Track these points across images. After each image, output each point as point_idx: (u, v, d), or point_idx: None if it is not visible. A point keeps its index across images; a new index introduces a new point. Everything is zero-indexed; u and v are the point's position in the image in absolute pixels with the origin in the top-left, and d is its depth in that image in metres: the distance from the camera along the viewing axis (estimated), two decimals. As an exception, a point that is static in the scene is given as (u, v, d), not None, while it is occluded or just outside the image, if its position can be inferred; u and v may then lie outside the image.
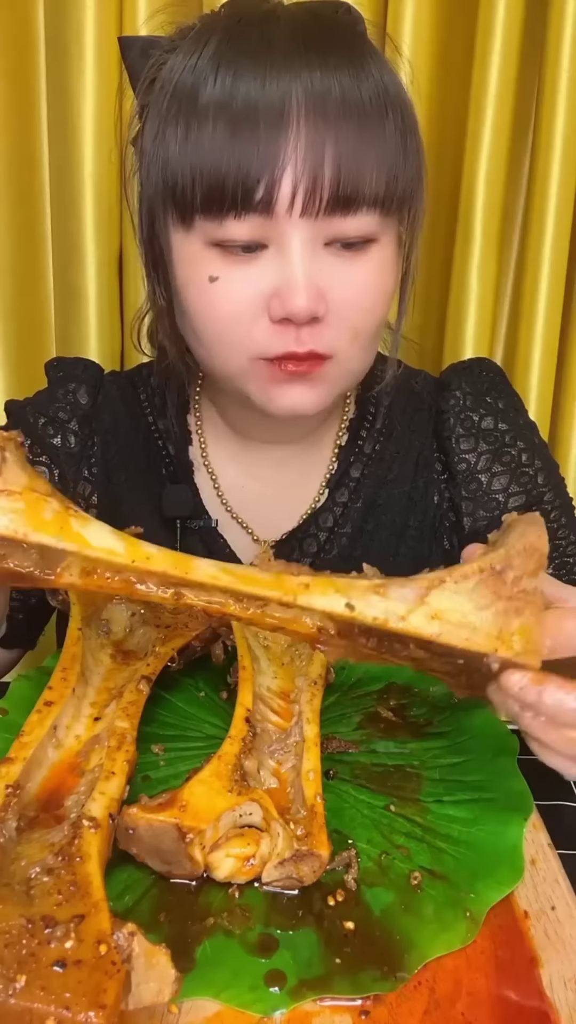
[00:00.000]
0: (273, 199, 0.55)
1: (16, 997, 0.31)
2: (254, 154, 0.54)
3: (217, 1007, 0.36)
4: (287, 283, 0.56)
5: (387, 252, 0.60)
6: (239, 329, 0.59)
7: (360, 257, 0.58)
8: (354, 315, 0.59)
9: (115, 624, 0.60)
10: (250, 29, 0.58)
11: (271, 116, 0.54)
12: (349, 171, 0.55)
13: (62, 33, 0.95)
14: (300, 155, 0.54)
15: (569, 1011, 0.36)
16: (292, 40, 0.56)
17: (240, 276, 0.58)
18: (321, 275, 0.57)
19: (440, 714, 0.58)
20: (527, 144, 0.98)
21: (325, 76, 0.55)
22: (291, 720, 0.51)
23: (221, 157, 0.54)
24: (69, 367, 0.79)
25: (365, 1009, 0.37)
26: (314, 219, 0.56)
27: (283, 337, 0.58)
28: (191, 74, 0.57)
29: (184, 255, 0.60)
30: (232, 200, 0.55)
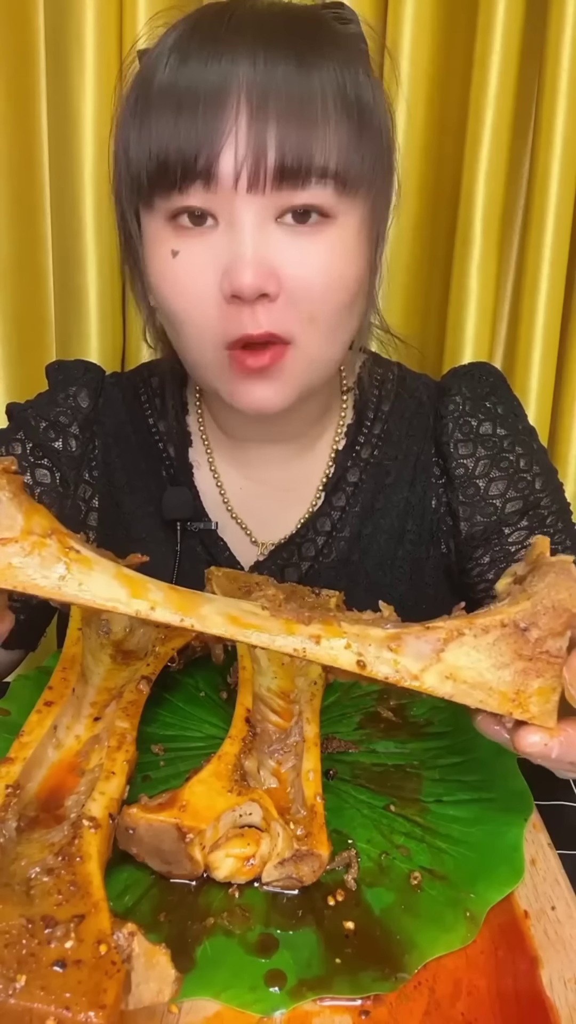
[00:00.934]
0: (213, 171, 0.55)
1: (16, 997, 0.31)
2: (194, 131, 0.55)
3: (217, 1007, 0.36)
4: (235, 259, 0.56)
5: (346, 234, 0.60)
6: (200, 312, 0.59)
7: (315, 234, 0.58)
8: (309, 296, 0.59)
9: (115, 624, 0.60)
10: (214, 19, 0.59)
11: (212, 96, 0.55)
12: (294, 144, 0.56)
13: (62, 33, 0.95)
14: (242, 132, 0.55)
15: (569, 1011, 0.36)
16: (241, 28, 0.57)
17: (196, 250, 0.58)
18: (272, 251, 0.57)
19: (440, 714, 0.58)
20: (527, 144, 0.98)
21: (269, 61, 0.56)
22: (291, 720, 0.51)
23: (165, 136, 0.56)
24: (70, 370, 0.79)
25: (365, 1009, 0.37)
26: (262, 194, 0.56)
27: (238, 318, 0.58)
28: (150, 63, 0.59)
29: (149, 235, 0.61)
30: (174, 173, 0.56)
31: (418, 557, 0.75)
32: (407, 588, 0.75)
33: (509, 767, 0.51)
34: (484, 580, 0.75)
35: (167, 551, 0.74)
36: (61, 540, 0.41)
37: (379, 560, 0.74)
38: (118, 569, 0.41)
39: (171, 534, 0.74)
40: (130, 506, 0.76)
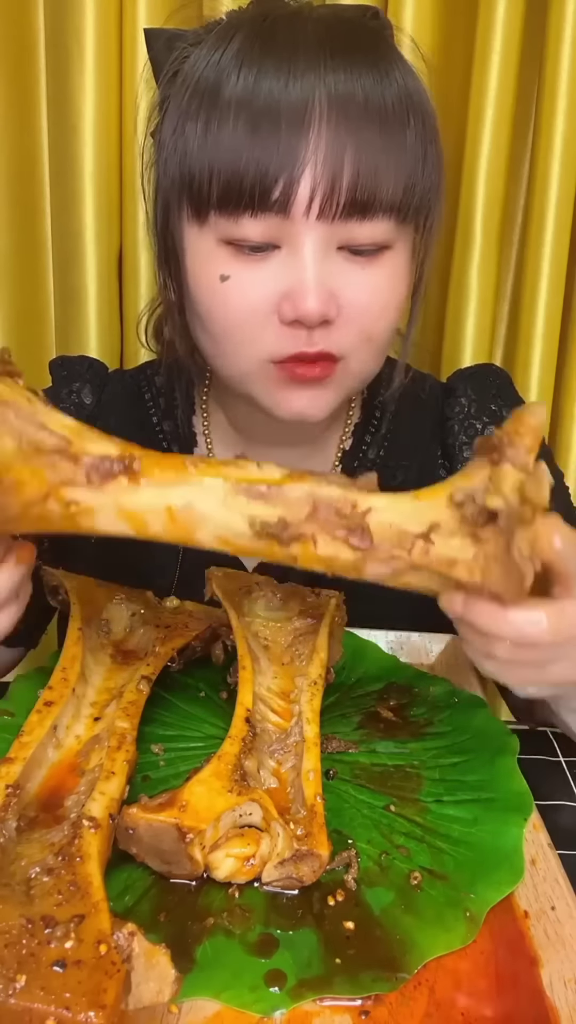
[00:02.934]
0: (290, 200, 0.54)
1: (16, 997, 0.31)
2: (274, 153, 0.54)
3: (217, 1007, 0.36)
4: (299, 285, 0.56)
5: (400, 259, 0.60)
6: (249, 330, 0.58)
7: (373, 263, 0.58)
8: (365, 319, 0.59)
9: (115, 624, 0.60)
10: (276, 28, 0.57)
11: (293, 116, 0.54)
12: (368, 176, 0.55)
13: (62, 33, 0.95)
14: (320, 157, 0.54)
15: (569, 1011, 0.36)
16: (317, 41, 0.56)
17: (251, 276, 0.57)
18: (332, 277, 0.57)
19: (440, 714, 0.58)
20: (527, 144, 0.98)
21: (349, 79, 0.55)
22: (291, 720, 0.51)
23: (240, 154, 0.54)
24: (73, 366, 0.79)
25: (365, 1009, 0.37)
26: (330, 222, 0.55)
27: (294, 339, 0.58)
28: (214, 69, 0.57)
29: (196, 251, 0.59)
30: (250, 198, 0.55)
31: None
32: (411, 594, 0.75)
33: (509, 767, 0.51)
34: None
35: (168, 552, 0.74)
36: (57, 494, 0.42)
37: None
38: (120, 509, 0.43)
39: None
40: None
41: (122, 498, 0.43)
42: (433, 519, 0.42)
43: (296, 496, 0.43)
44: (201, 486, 0.42)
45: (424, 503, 0.43)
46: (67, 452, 0.43)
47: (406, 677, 0.63)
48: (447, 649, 0.68)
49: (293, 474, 0.43)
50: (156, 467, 0.43)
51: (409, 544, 0.42)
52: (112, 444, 0.43)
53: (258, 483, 0.43)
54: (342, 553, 0.43)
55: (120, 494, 0.42)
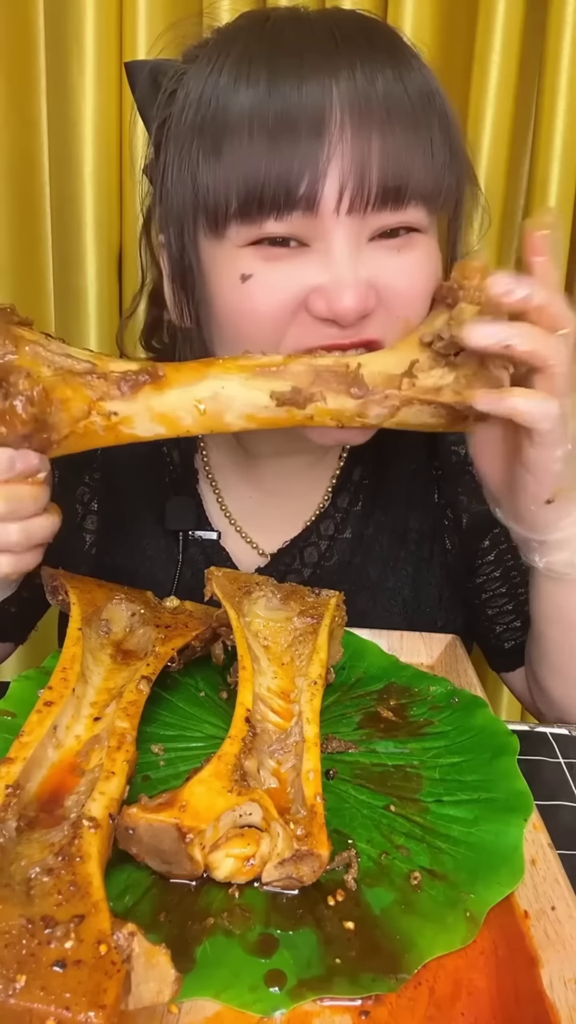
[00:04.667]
0: (317, 197, 0.53)
1: (16, 997, 0.31)
2: (295, 160, 0.52)
3: (217, 1007, 0.36)
4: (334, 283, 0.54)
5: (432, 243, 0.59)
6: (273, 327, 0.56)
7: (407, 248, 0.57)
8: (405, 304, 0.57)
9: (115, 624, 0.60)
10: (279, 32, 0.55)
11: (311, 120, 0.52)
12: (397, 165, 0.53)
13: (62, 33, 0.95)
14: (345, 152, 0.52)
15: (569, 1011, 0.36)
16: (328, 39, 0.54)
17: (276, 274, 0.55)
18: (367, 269, 0.55)
19: (440, 714, 0.58)
20: (527, 144, 0.98)
21: (366, 71, 0.53)
22: (291, 720, 0.51)
23: (259, 168, 0.52)
24: None
25: (365, 1009, 0.37)
26: (362, 216, 0.54)
27: (327, 331, 0.56)
28: (215, 84, 0.54)
29: (216, 261, 0.57)
30: (272, 203, 0.53)
31: (421, 559, 0.75)
32: (410, 592, 0.75)
33: (509, 767, 0.51)
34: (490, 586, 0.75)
35: (168, 558, 0.74)
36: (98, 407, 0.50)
37: (382, 563, 0.74)
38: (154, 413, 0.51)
39: (172, 541, 0.74)
40: (131, 510, 0.76)
41: (153, 402, 0.50)
42: (411, 358, 0.52)
43: (301, 369, 0.52)
44: (221, 376, 0.51)
45: (400, 351, 0.53)
46: (96, 371, 0.50)
47: (406, 677, 0.63)
48: (447, 649, 0.68)
49: (292, 356, 0.53)
50: (178, 371, 0.51)
51: (397, 383, 0.52)
52: (132, 362, 0.51)
53: (268, 365, 0.52)
54: (347, 404, 0.52)
55: (151, 399, 0.50)
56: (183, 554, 0.73)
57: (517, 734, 0.54)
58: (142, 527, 0.75)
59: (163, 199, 0.59)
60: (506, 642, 0.76)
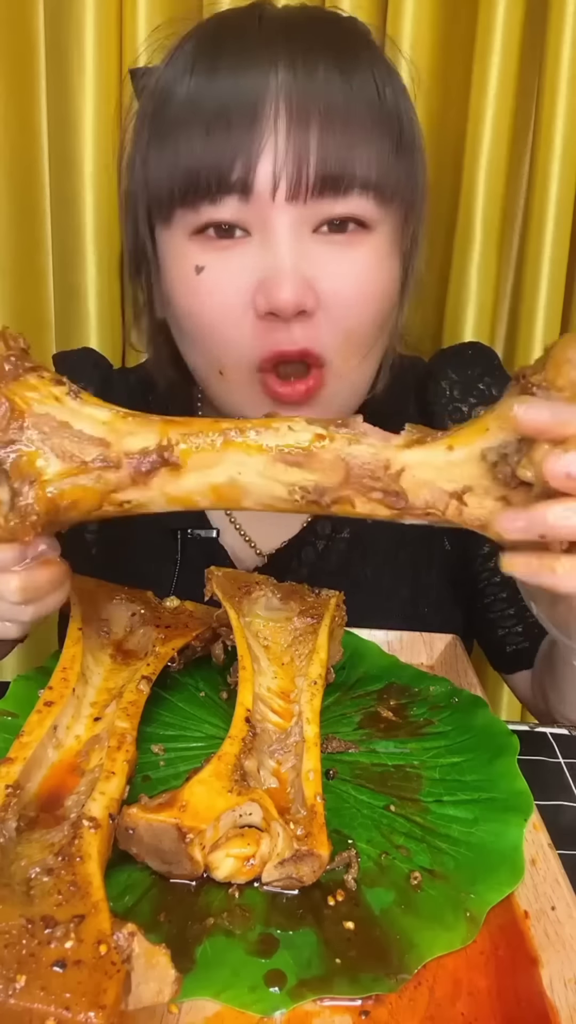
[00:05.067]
0: (250, 181, 0.53)
1: (16, 997, 0.31)
2: (228, 143, 0.52)
3: (217, 1007, 0.36)
4: (272, 273, 0.53)
5: (381, 245, 0.57)
6: (227, 327, 0.56)
7: (352, 244, 0.56)
8: (345, 311, 0.56)
9: (115, 624, 0.60)
10: (228, 27, 0.57)
11: (246, 109, 0.52)
12: (338, 153, 0.53)
13: (62, 33, 0.95)
14: (281, 140, 0.52)
15: (569, 1011, 0.36)
16: (272, 33, 0.55)
17: (224, 264, 0.55)
18: (309, 264, 0.54)
19: (440, 714, 0.58)
20: (527, 144, 0.98)
21: (308, 66, 0.53)
22: (291, 720, 0.51)
23: (196, 153, 0.53)
24: (76, 361, 0.79)
25: (365, 1009, 0.37)
26: (302, 203, 0.53)
27: (272, 335, 0.55)
28: (168, 77, 0.56)
29: (168, 251, 0.58)
30: (207, 186, 0.53)
31: (419, 558, 0.75)
32: (409, 592, 0.75)
33: (509, 767, 0.51)
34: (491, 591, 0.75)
35: (167, 557, 0.74)
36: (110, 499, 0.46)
37: (380, 562, 0.74)
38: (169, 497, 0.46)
39: (171, 540, 0.74)
40: None
41: (168, 488, 0.46)
42: (466, 479, 0.43)
43: (329, 459, 0.44)
44: (238, 461, 0.45)
45: (457, 456, 0.43)
46: (108, 458, 0.45)
47: (406, 677, 0.63)
48: (447, 649, 0.68)
49: (323, 432, 0.44)
50: (194, 451, 0.45)
51: (443, 504, 0.44)
52: (149, 430, 0.45)
53: (291, 450, 0.44)
54: (379, 511, 0.45)
55: (165, 485, 0.46)
56: (182, 553, 0.73)
57: (517, 734, 0.54)
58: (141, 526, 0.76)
59: (123, 189, 0.61)
60: (508, 646, 0.76)
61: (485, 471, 0.43)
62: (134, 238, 0.62)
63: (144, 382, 0.79)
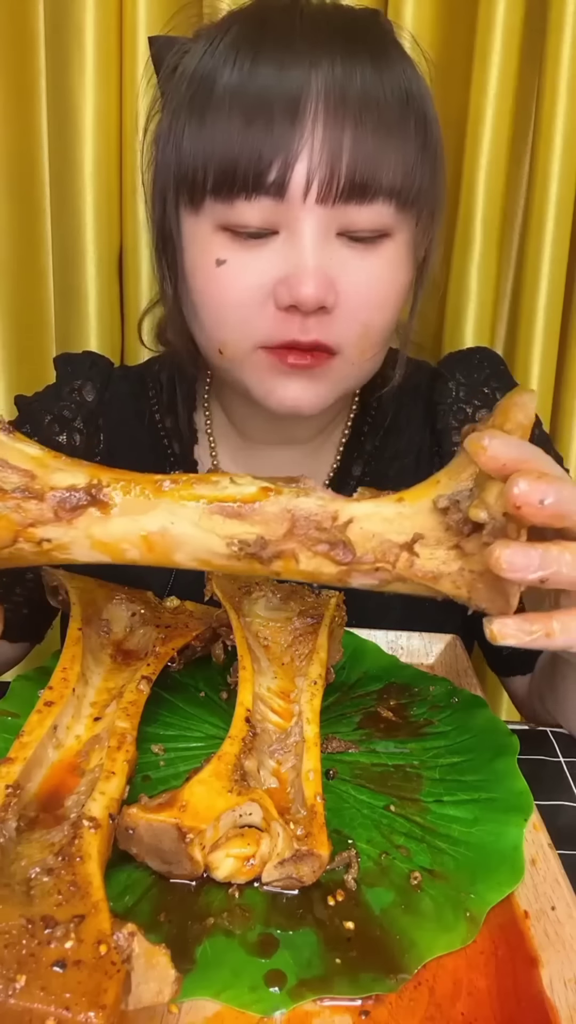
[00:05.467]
0: (286, 182, 0.54)
1: (16, 997, 0.31)
2: (267, 140, 0.53)
3: (217, 1007, 0.36)
4: (296, 270, 0.55)
5: (401, 249, 0.59)
6: (244, 314, 0.58)
7: (372, 251, 0.57)
8: (363, 309, 0.58)
9: (115, 624, 0.60)
10: (272, 18, 0.57)
11: (287, 103, 0.53)
12: (367, 159, 0.54)
13: (62, 33, 0.95)
14: (317, 141, 0.53)
15: (569, 1011, 0.36)
16: (315, 29, 0.56)
17: (248, 261, 0.57)
18: (331, 264, 0.56)
19: (440, 714, 0.58)
20: (527, 144, 0.98)
21: (347, 65, 0.54)
22: (291, 720, 0.51)
23: (234, 143, 0.54)
24: (76, 363, 0.79)
25: (365, 1009, 0.37)
26: (330, 206, 0.55)
27: (288, 325, 0.57)
28: (210, 60, 0.56)
29: (193, 238, 0.59)
30: (243, 182, 0.54)
31: None
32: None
33: (509, 767, 0.51)
34: None
35: None
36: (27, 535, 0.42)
37: None
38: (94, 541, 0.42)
39: None
40: None
41: (94, 529, 0.42)
42: (417, 528, 0.41)
43: (273, 511, 0.41)
44: (173, 509, 0.41)
45: (408, 508, 0.41)
46: (31, 489, 0.41)
47: (406, 677, 0.63)
48: (447, 649, 0.68)
49: (269, 487, 0.42)
50: (126, 493, 0.41)
51: (393, 557, 0.41)
52: (80, 471, 0.42)
53: (231, 501, 0.41)
54: (325, 567, 0.42)
55: (92, 526, 0.42)
56: None
57: (517, 734, 0.54)
58: None
59: (153, 167, 0.62)
60: (504, 649, 0.76)
61: (437, 522, 0.41)
62: (161, 216, 0.62)
63: (145, 377, 0.79)
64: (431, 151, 0.59)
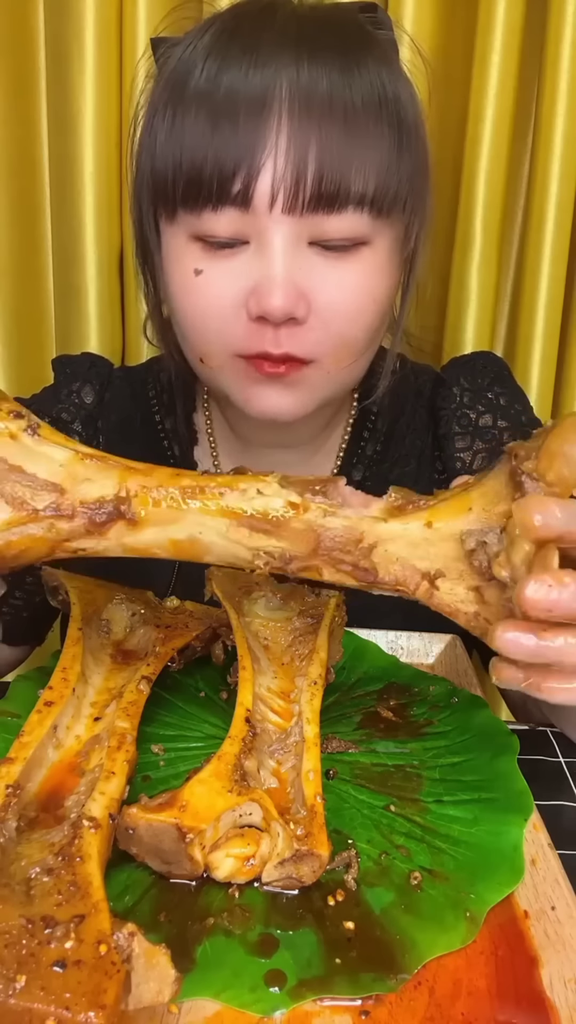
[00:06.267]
0: (250, 193, 0.53)
1: (16, 997, 0.31)
2: (232, 146, 0.52)
3: (217, 1007, 0.36)
4: (265, 281, 0.54)
5: (379, 257, 0.58)
6: (219, 324, 0.57)
7: (348, 259, 0.56)
8: (337, 320, 0.57)
9: (115, 624, 0.60)
10: (245, 20, 0.56)
11: (252, 107, 0.52)
12: (334, 167, 0.53)
13: (62, 33, 0.95)
14: (282, 149, 0.52)
15: (569, 1011, 0.36)
16: (285, 32, 0.55)
17: (222, 271, 0.56)
18: (303, 274, 0.55)
19: (440, 714, 0.58)
20: (527, 144, 0.98)
21: (313, 69, 0.53)
22: (291, 720, 0.51)
23: (200, 147, 0.53)
24: (75, 365, 0.79)
25: (365, 1009, 0.37)
26: (297, 216, 0.54)
27: (260, 336, 0.56)
28: (184, 64, 0.56)
29: (170, 247, 0.59)
30: (208, 192, 0.54)
31: None
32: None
33: (509, 767, 0.51)
34: None
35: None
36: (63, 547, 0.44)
37: None
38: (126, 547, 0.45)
39: None
40: None
41: (125, 539, 0.44)
42: (441, 562, 0.41)
43: (299, 529, 0.42)
44: (201, 520, 0.43)
45: (434, 535, 0.41)
46: (62, 508, 0.43)
47: (406, 677, 0.63)
48: (447, 649, 0.68)
49: (296, 501, 0.42)
50: (153, 505, 0.43)
51: (414, 585, 0.42)
52: (107, 477, 0.43)
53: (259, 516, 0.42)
54: (348, 580, 0.43)
55: (123, 536, 0.43)
56: None
57: (517, 734, 0.54)
58: None
59: (132, 174, 0.62)
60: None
61: (462, 555, 0.41)
62: (139, 223, 0.63)
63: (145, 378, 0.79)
64: (410, 155, 0.57)
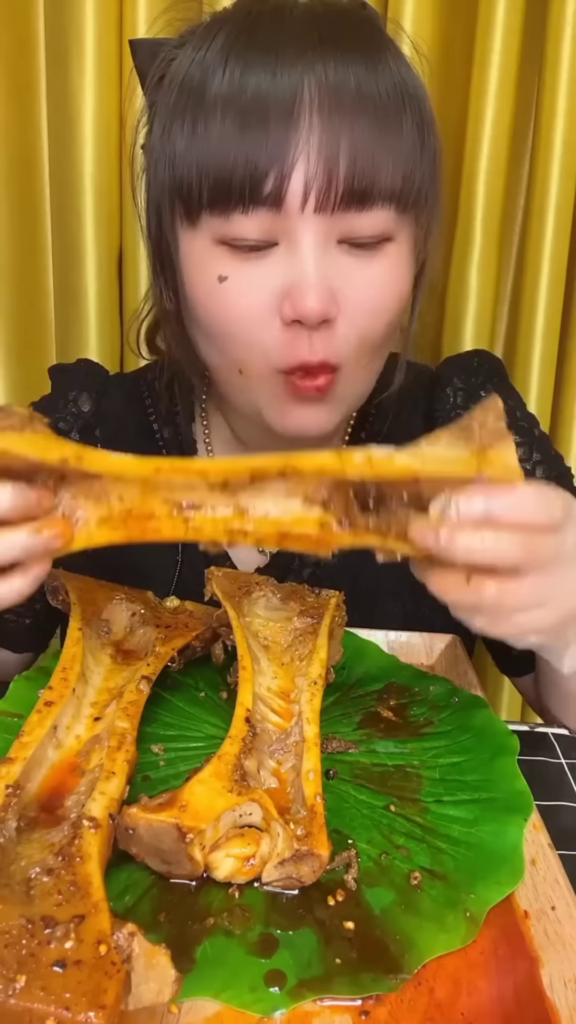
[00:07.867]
0: (283, 193, 0.53)
1: (16, 997, 0.31)
2: (263, 148, 0.52)
3: (217, 1007, 0.36)
4: (299, 282, 0.54)
5: (402, 252, 0.58)
6: (251, 332, 0.57)
7: (375, 256, 0.56)
8: (362, 317, 0.57)
9: (115, 624, 0.60)
10: (261, 21, 0.56)
11: (282, 109, 0.52)
12: (365, 164, 0.53)
13: (62, 33, 0.95)
14: (313, 149, 0.52)
15: (569, 1011, 0.36)
16: (306, 31, 0.54)
17: (250, 275, 0.55)
18: (334, 274, 0.55)
19: (440, 714, 0.58)
20: (527, 144, 0.98)
21: (340, 68, 0.53)
22: (291, 720, 0.51)
23: (229, 152, 0.52)
24: (71, 373, 0.79)
25: (365, 1009, 0.37)
26: (328, 215, 0.53)
27: (296, 345, 0.56)
28: (199, 67, 0.55)
29: (191, 254, 0.58)
30: (240, 194, 0.53)
31: None
32: (410, 593, 0.75)
33: (509, 767, 0.51)
34: None
35: (167, 559, 0.74)
36: None
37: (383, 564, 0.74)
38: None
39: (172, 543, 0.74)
40: None
41: None
42: None
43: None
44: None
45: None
46: None
47: (406, 677, 0.63)
48: (447, 649, 0.68)
49: None
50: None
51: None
52: None
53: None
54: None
55: None
56: (182, 553, 0.73)
57: (517, 734, 0.54)
58: None
59: (146, 182, 0.60)
60: (513, 648, 0.76)
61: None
62: (156, 230, 0.61)
63: (141, 386, 0.79)
64: (429, 150, 0.58)
